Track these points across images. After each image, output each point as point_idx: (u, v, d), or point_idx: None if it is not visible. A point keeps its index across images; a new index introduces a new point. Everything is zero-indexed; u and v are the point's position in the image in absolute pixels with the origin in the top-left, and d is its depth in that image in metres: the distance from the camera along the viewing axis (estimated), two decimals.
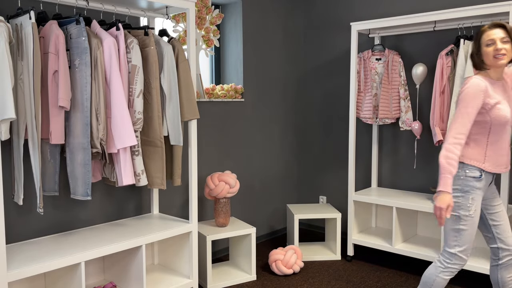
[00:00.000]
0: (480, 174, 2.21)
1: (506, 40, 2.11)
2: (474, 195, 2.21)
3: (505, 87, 2.23)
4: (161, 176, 2.70)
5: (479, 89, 2.11)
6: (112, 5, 2.78)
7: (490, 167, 2.21)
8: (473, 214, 2.21)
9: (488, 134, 2.19)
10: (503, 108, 2.14)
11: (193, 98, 2.79)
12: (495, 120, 2.15)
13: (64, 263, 2.32)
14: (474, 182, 2.20)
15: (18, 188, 2.41)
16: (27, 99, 2.27)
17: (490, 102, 2.13)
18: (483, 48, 2.16)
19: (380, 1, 3.92)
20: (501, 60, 2.11)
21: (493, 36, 2.12)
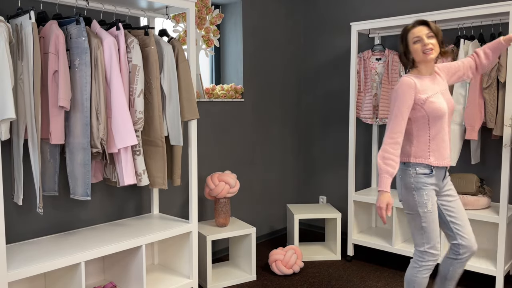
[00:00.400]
0: (430, 170, 2.25)
1: (431, 35, 2.21)
2: (427, 191, 2.25)
3: (439, 81, 2.30)
4: (163, 176, 2.70)
5: (408, 87, 2.20)
6: (112, 5, 2.78)
7: (436, 161, 2.25)
8: (431, 209, 2.25)
9: (429, 129, 2.25)
10: (437, 101, 2.21)
11: (193, 98, 2.79)
12: (432, 113, 2.21)
13: (64, 263, 2.31)
14: (425, 179, 2.25)
15: (18, 188, 2.41)
16: (27, 99, 2.26)
17: (421, 97, 2.21)
18: (411, 46, 2.24)
19: (380, 1, 3.92)
20: (430, 54, 2.19)
21: (418, 33, 2.21)
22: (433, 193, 2.27)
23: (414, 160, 2.27)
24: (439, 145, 2.26)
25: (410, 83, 2.20)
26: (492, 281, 3.25)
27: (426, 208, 2.24)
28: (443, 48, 2.26)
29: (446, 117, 2.25)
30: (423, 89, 2.22)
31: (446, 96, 2.28)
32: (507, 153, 2.88)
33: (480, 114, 3.07)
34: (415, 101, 2.22)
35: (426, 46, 2.19)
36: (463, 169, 3.53)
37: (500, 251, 2.96)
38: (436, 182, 2.29)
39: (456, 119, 3.15)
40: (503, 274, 2.98)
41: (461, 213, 2.35)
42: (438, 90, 2.26)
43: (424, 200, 2.24)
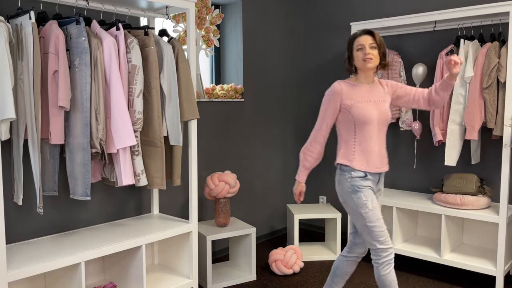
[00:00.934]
0: (363, 174, 2.34)
1: (374, 46, 2.31)
2: (364, 192, 2.32)
3: (378, 92, 2.39)
4: (161, 176, 2.70)
5: (335, 92, 2.35)
6: (112, 5, 2.78)
7: (358, 165, 2.32)
8: (372, 208, 2.31)
9: (355, 134, 2.34)
10: (364, 108, 2.30)
11: (193, 98, 2.79)
12: (357, 119, 2.31)
13: (64, 263, 2.32)
14: (360, 181, 2.33)
15: (18, 188, 2.41)
16: (27, 99, 2.27)
17: (347, 103, 2.32)
18: (354, 52, 2.35)
19: (380, 1, 3.92)
20: (368, 63, 2.29)
21: (362, 41, 2.31)
22: (372, 193, 2.34)
23: (344, 162, 2.36)
24: (365, 151, 2.33)
25: (337, 89, 2.35)
26: (492, 281, 3.25)
27: (367, 208, 2.30)
28: (384, 61, 2.37)
29: (373, 126, 2.32)
30: (350, 96, 2.33)
31: (380, 107, 2.34)
32: (507, 153, 2.88)
33: (480, 114, 3.06)
34: (342, 106, 2.34)
35: (367, 55, 2.29)
36: (463, 169, 3.53)
37: (500, 251, 2.96)
38: (372, 185, 2.36)
39: (456, 119, 3.15)
40: (503, 274, 2.97)
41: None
42: (372, 99, 2.34)
43: (363, 201, 2.31)
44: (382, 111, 2.34)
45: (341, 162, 2.37)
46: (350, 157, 2.35)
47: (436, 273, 3.43)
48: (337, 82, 2.37)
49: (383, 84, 2.45)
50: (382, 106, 2.35)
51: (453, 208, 3.17)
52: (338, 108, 2.36)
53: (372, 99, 2.34)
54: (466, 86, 3.11)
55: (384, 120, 2.36)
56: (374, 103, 2.33)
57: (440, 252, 3.23)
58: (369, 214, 2.30)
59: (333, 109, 2.36)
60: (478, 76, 3.05)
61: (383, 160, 2.39)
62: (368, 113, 2.30)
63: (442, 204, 3.25)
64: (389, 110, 2.39)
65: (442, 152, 3.62)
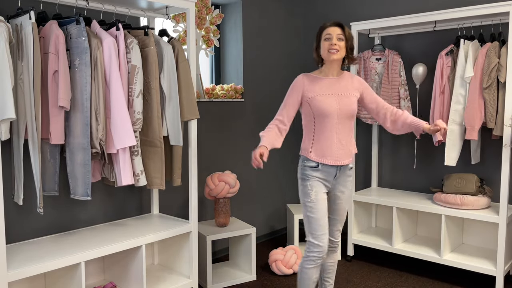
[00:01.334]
0: (316, 164, 2.36)
1: (341, 38, 2.32)
2: (311, 182, 2.35)
3: (344, 86, 2.38)
4: (160, 176, 2.70)
5: (297, 84, 2.38)
6: (112, 5, 2.78)
7: (316, 157, 2.35)
8: (315, 199, 2.33)
9: (314, 125, 2.37)
10: (324, 101, 2.32)
11: (193, 98, 2.79)
12: (316, 111, 2.33)
13: (64, 263, 2.32)
14: (310, 171, 2.36)
15: (18, 188, 2.41)
16: (27, 99, 2.27)
17: (308, 95, 2.35)
18: (321, 42, 2.35)
19: (380, 1, 3.92)
20: (333, 54, 2.30)
21: (330, 31, 2.32)
22: (319, 185, 2.35)
23: (301, 152, 2.41)
24: (322, 143, 2.35)
25: (299, 81, 2.39)
26: (492, 281, 3.25)
27: (310, 198, 2.33)
28: (351, 55, 2.38)
29: (332, 118, 2.32)
30: (312, 88, 2.35)
31: (342, 100, 2.34)
32: (507, 153, 2.88)
33: (480, 114, 3.06)
34: (303, 98, 2.37)
35: (333, 46, 2.29)
36: (463, 169, 3.53)
37: (500, 251, 2.96)
38: (325, 177, 2.37)
39: (456, 119, 3.15)
40: (503, 274, 2.97)
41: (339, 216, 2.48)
42: (334, 92, 2.35)
43: (308, 190, 2.35)
44: (344, 104, 2.34)
45: (301, 153, 2.42)
46: (309, 148, 2.38)
47: (436, 273, 3.43)
48: (301, 75, 2.40)
49: (354, 79, 2.45)
50: (345, 99, 2.35)
51: (453, 208, 3.17)
52: (299, 100, 2.38)
53: (335, 92, 2.35)
54: (466, 86, 3.11)
55: (346, 113, 2.34)
56: (335, 96, 2.34)
57: (440, 252, 3.23)
58: (310, 204, 2.33)
59: (293, 101, 2.38)
60: (478, 76, 3.05)
61: (344, 153, 2.38)
62: (327, 106, 2.31)
63: (442, 204, 3.25)
64: (354, 103, 2.37)
65: (442, 152, 3.62)
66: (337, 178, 2.41)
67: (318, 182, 2.35)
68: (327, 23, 2.36)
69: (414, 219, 3.71)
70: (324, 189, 2.38)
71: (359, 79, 2.47)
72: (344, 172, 2.42)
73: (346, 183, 2.45)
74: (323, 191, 2.37)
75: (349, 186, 2.48)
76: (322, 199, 2.35)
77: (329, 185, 2.41)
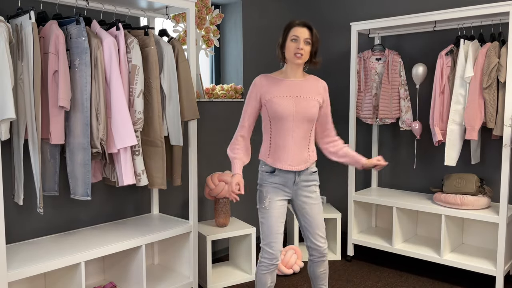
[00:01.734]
0: (272, 169, 2.30)
1: (308, 42, 2.22)
2: (267, 188, 2.29)
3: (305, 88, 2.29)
4: (162, 176, 2.70)
5: (254, 86, 2.31)
6: (112, 5, 2.78)
7: (273, 163, 2.29)
8: (268, 206, 2.27)
9: (270, 129, 2.30)
10: (279, 103, 2.24)
11: (193, 98, 2.79)
12: (272, 114, 2.25)
13: (64, 263, 2.32)
14: (267, 177, 2.30)
15: (18, 188, 2.41)
16: (27, 99, 2.27)
17: (265, 97, 2.27)
18: (287, 41, 2.24)
19: (380, 1, 3.92)
20: (298, 59, 2.21)
21: (299, 34, 2.21)
22: (276, 192, 2.29)
23: (260, 156, 2.35)
24: (278, 147, 2.27)
25: (256, 83, 2.31)
26: (492, 281, 3.25)
27: (264, 204, 2.29)
28: (315, 59, 2.29)
29: (288, 121, 2.24)
30: (269, 90, 2.27)
31: (300, 103, 2.25)
32: (507, 153, 2.88)
33: (480, 114, 3.07)
34: (261, 100, 2.30)
35: (299, 50, 2.20)
36: (463, 169, 3.53)
37: (500, 251, 2.96)
38: (283, 183, 2.29)
39: (456, 119, 3.15)
40: (503, 274, 2.98)
41: (312, 223, 2.35)
42: (293, 94, 2.26)
43: (263, 196, 2.30)
44: (302, 107, 2.24)
45: (260, 157, 2.36)
46: (266, 152, 2.32)
47: (436, 273, 3.43)
48: (259, 77, 2.32)
49: (319, 84, 2.35)
50: (303, 102, 2.25)
51: (453, 208, 3.17)
52: (259, 103, 2.31)
53: (294, 94, 2.26)
54: (466, 86, 3.11)
55: (303, 117, 2.25)
56: (293, 98, 2.25)
57: (440, 252, 3.23)
58: (264, 211, 2.29)
59: (253, 102, 2.31)
60: (478, 76, 3.05)
61: (301, 158, 2.28)
62: (282, 109, 2.23)
63: (442, 204, 3.25)
64: (314, 108, 2.27)
65: (442, 152, 3.62)
66: (298, 184, 2.32)
67: (274, 189, 2.29)
68: (296, 21, 2.24)
69: (414, 219, 3.71)
70: (281, 196, 2.30)
71: (325, 87, 2.37)
72: (305, 177, 2.33)
73: (310, 187, 2.34)
74: (279, 198, 2.29)
75: (313, 190, 2.36)
76: (276, 206, 2.28)
77: (289, 191, 2.32)
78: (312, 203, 2.34)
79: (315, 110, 2.27)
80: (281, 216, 2.30)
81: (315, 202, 2.35)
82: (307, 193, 2.34)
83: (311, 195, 2.34)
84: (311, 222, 2.35)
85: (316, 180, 2.38)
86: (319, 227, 2.36)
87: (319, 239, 2.37)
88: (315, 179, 2.37)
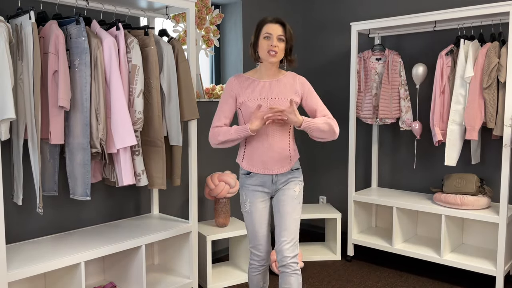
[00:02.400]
0: (248, 171, 2.23)
1: (282, 39, 2.13)
2: (246, 192, 2.23)
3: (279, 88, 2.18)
4: (162, 176, 2.70)
5: (228, 88, 2.22)
6: (112, 5, 2.78)
7: (248, 166, 2.21)
8: (249, 210, 2.22)
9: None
10: (252, 107, 2.15)
11: (193, 98, 2.79)
12: (245, 117, 2.18)
13: (64, 263, 2.32)
14: (245, 179, 2.24)
15: (18, 188, 2.41)
16: (27, 99, 2.27)
17: (239, 100, 2.19)
18: (260, 39, 2.14)
19: (380, 1, 3.92)
20: (272, 57, 2.11)
21: (271, 31, 2.11)
22: (256, 194, 2.21)
23: (237, 160, 2.28)
24: (253, 151, 2.19)
25: (230, 83, 2.22)
26: (492, 281, 3.25)
27: (245, 208, 2.24)
28: (290, 56, 2.20)
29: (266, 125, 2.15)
30: (242, 92, 2.19)
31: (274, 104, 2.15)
32: (507, 153, 2.88)
33: (480, 114, 3.06)
34: (236, 103, 2.21)
35: (273, 47, 2.10)
36: (463, 169, 3.53)
37: (500, 251, 2.96)
38: (261, 184, 2.21)
39: (456, 119, 3.15)
40: (503, 274, 2.97)
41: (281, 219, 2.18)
42: (267, 96, 2.16)
43: (244, 199, 2.25)
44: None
45: (236, 160, 2.29)
46: (242, 156, 2.25)
47: (436, 273, 3.43)
48: (233, 78, 2.23)
49: (296, 81, 2.23)
50: (278, 104, 2.15)
51: (453, 208, 3.17)
52: (234, 105, 2.21)
53: (268, 96, 2.16)
54: (466, 86, 3.11)
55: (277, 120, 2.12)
56: (267, 101, 2.15)
57: (440, 252, 3.23)
58: (246, 214, 2.25)
59: (227, 104, 2.21)
60: (478, 76, 3.05)
61: (278, 161, 2.18)
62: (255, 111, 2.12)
63: (442, 204, 3.25)
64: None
65: (442, 152, 3.62)
66: (276, 183, 2.22)
67: (253, 192, 2.21)
68: (268, 17, 2.15)
69: (414, 219, 3.71)
70: (261, 198, 2.22)
71: (303, 82, 2.25)
72: (284, 177, 2.21)
73: (288, 184, 2.22)
74: (260, 200, 2.22)
75: (291, 187, 2.20)
76: (257, 209, 2.21)
77: (268, 190, 2.23)
78: (285, 200, 2.19)
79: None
80: (264, 218, 2.24)
81: (289, 199, 2.18)
82: (284, 189, 2.22)
83: (287, 192, 2.20)
84: (279, 221, 2.19)
85: (297, 177, 2.25)
86: (286, 228, 2.15)
87: (286, 247, 2.15)
88: (296, 176, 2.24)
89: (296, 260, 2.17)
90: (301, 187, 2.26)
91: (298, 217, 2.22)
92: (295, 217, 2.20)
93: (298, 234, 2.21)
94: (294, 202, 2.20)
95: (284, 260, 2.16)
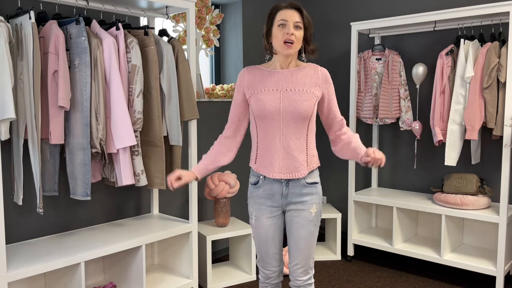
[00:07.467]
0: (256, 180, 1.94)
1: (299, 26, 1.83)
2: (252, 204, 1.97)
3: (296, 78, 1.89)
4: (161, 176, 2.70)
5: (238, 81, 1.96)
6: (112, 5, 2.78)
7: (259, 168, 1.92)
8: (255, 224, 1.96)
9: (257, 130, 1.92)
10: (262, 98, 1.86)
11: (193, 98, 2.79)
12: (256, 112, 1.88)
13: (64, 263, 2.32)
14: (251, 189, 1.98)
15: (18, 188, 2.41)
16: (27, 99, 2.27)
17: (247, 93, 1.92)
18: (274, 28, 1.85)
19: (380, 1, 3.92)
20: (289, 48, 1.82)
21: (287, 17, 1.82)
22: (260, 209, 1.94)
23: (250, 163, 1.99)
24: (265, 152, 1.90)
25: (239, 77, 1.96)
26: (492, 281, 3.25)
27: (251, 221, 1.99)
28: (310, 46, 1.91)
29: (275, 120, 1.86)
30: (253, 85, 1.90)
31: (288, 98, 1.86)
32: (507, 153, 2.88)
33: (480, 114, 3.06)
34: (246, 98, 1.95)
35: (289, 36, 1.80)
36: (463, 169, 3.53)
37: (500, 251, 2.96)
38: (269, 197, 1.93)
39: (456, 119, 3.15)
40: (503, 274, 2.97)
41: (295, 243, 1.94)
42: (282, 88, 1.87)
43: (250, 211, 1.99)
44: (290, 102, 1.84)
45: (250, 164, 2.00)
46: (253, 157, 1.96)
47: (436, 273, 3.43)
48: (242, 70, 1.97)
49: (318, 73, 1.92)
50: (293, 96, 1.85)
51: (453, 208, 3.17)
52: (243, 104, 1.96)
53: (282, 87, 1.87)
54: (466, 86, 3.11)
55: (292, 114, 1.84)
56: (281, 92, 1.86)
57: (440, 252, 3.23)
58: (253, 227, 2.00)
59: (238, 98, 1.96)
60: (478, 76, 3.05)
61: (292, 164, 1.87)
62: (266, 105, 1.85)
63: (442, 204, 3.25)
64: (307, 102, 1.85)
65: (442, 152, 3.62)
66: (288, 196, 1.91)
67: (259, 205, 1.94)
68: (282, 3, 1.86)
69: (414, 219, 3.71)
70: (267, 214, 1.93)
71: (326, 77, 1.93)
72: (298, 190, 1.91)
73: (303, 199, 1.91)
74: (267, 216, 1.93)
75: (305, 209, 1.90)
76: (263, 226, 1.94)
77: (277, 205, 1.94)
78: (299, 222, 1.91)
79: (307, 104, 1.85)
80: (271, 237, 1.96)
81: (304, 221, 1.91)
82: (299, 206, 1.92)
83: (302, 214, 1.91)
84: (293, 243, 1.94)
85: (313, 194, 1.93)
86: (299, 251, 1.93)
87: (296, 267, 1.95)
88: (313, 193, 1.93)
89: (310, 282, 1.98)
90: (319, 206, 1.94)
91: (314, 240, 1.95)
92: (311, 241, 1.94)
93: (313, 254, 1.98)
94: (310, 224, 1.92)
95: (296, 283, 1.98)
